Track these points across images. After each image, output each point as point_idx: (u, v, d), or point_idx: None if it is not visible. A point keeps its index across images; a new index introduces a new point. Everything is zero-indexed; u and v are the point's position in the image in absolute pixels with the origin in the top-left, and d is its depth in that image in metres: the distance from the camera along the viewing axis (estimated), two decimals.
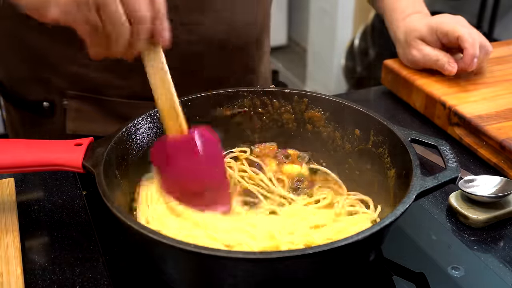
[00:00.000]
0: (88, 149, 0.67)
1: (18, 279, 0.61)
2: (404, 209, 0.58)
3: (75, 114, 0.93)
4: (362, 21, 2.94)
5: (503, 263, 0.67)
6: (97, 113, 0.94)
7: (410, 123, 0.98)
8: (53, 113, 0.95)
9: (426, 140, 0.70)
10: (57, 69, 0.91)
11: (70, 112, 0.93)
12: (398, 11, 1.05)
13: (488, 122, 0.87)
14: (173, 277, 0.62)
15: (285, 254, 0.53)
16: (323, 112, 0.79)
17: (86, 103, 0.93)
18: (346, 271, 0.61)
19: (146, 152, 0.74)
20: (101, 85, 0.92)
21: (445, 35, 0.97)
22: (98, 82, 0.91)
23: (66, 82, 0.92)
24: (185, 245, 0.53)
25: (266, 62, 1.09)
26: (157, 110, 0.75)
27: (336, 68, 3.06)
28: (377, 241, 0.63)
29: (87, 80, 0.91)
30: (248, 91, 0.80)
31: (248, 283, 0.56)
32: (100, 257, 0.67)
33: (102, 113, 0.94)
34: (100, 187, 0.60)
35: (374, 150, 0.73)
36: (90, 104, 0.93)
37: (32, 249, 0.68)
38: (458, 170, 0.65)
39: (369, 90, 1.15)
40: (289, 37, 3.84)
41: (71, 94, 0.92)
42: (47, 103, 0.94)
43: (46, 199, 0.77)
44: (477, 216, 0.72)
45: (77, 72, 0.91)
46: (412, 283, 0.65)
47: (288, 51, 3.77)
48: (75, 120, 0.94)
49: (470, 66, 0.96)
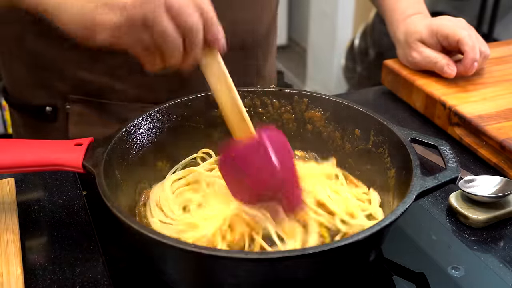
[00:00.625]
0: (88, 149, 0.67)
1: (18, 279, 0.61)
2: (404, 209, 0.57)
3: (77, 118, 0.93)
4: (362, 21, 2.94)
5: (503, 263, 0.67)
6: (99, 117, 0.94)
7: (410, 123, 0.98)
8: (56, 118, 0.95)
9: (426, 140, 0.70)
10: (61, 74, 0.91)
11: (73, 117, 0.93)
12: (398, 12, 1.05)
13: (488, 122, 0.87)
14: (173, 277, 0.62)
15: (285, 254, 0.53)
16: (323, 112, 0.79)
17: (88, 107, 0.93)
18: (346, 271, 0.61)
19: (146, 152, 0.74)
20: (104, 89, 0.92)
21: (445, 38, 0.98)
22: (100, 86, 0.92)
23: (69, 87, 0.92)
24: (185, 245, 0.53)
25: (272, 63, 1.09)
26: (157, 110, 0.75)
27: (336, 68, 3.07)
28: (377, 241, 0.63)
29: (90, 84, 0.91)
30: (248, 91, 0.80)
31: (248, 283, 0.56)
32: (100, 257, 0.67)
33: (104, 117, 0.94)
34: (100, 187, 0.60)
35: (374, 150, 0.73)
36: (93, 108, 0.93)
37: (32, 249, 0.68)
38: (458, 170, 0.65)
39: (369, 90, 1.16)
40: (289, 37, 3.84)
41: (74, 98, 0.93)
42: (50, 108, 0.94)
43: (46, 199, 0.77)
44: (477, 216, 0.72)
45: (80, 77, 0.91)
46: (412, 283, 0.65)
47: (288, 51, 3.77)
48: (77, 125, 0.94)
49: (470, 70, 0.97)
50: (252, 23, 0.95)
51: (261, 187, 0.64)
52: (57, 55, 0.90)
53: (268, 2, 0.99)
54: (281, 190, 0.64)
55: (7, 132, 2.47)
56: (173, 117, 0.76)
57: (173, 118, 0.76)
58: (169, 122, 0.76)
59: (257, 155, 0.63)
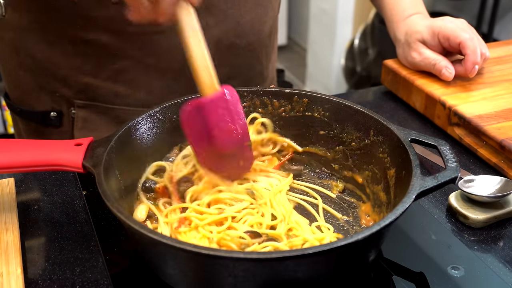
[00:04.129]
0: (88, 149, 0.67)
1: (18, 279, 0.61)
2: (404, 209, 0.58)
3: (82, 123, 0.94)
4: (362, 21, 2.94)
5: (503, 263, 0.67)
6: (104, 122, 0.94)
7: (410, 123, 0.98)
8: (61, 123, 0.95)
9: (426, 140, 0.70)
10: (65, 79, 0.92)
11: (78, 122, 0.93)
12: (398, 12, 1.05)
13: (488, 122, 0.87)
14: (172, 277, 0.62)
15: (285, 254, 0.53)
16: (323, 112, 0.79)
17: (93, 112, 0.93)
18: (346, 271, 0.61)
19: (146, 152, 0.74)
20: (108, 93, 0.92)
21: (446, 39, 0.97)
22: (105, 91, 0.92)
23: (73, 92, 0.92)
24: (185, 245, 0.53)
25: (274, 62, 1.09)
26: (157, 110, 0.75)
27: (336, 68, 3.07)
28: (377, 241, 0.63)
29: (94, 89, 0.92)
30: (248, 91, 0.80)
31: (248, 283, 0.56)
32: (100, 257, 0.67)
33: (108, 122, 0.94)
34: (100, 187, 0.60)
35: (374, 150, 0.74)
36: (97, 113, 0.93)
37: (32, 249, 0.68)
38: (458, 170, 0.65)
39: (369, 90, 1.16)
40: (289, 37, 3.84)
41: (79, 103, 0.93)
42: (55, 113, 0.94)
43: (46, 199, 0.77)
44: (477, 216, 0.72)
45: (84, 82, 0.91)
46: (412, 283, 0.65)
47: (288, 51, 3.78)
48: (82, 130, 0.94)
49: (471, 73, 0.97)
50: (257, 24, 0.95)
51: (225, 139, 0.69)
52: (61, 61, 0.90)
53: (272, 2, 0.99)
54: (241, 144, 0.71)
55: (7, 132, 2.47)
56: (173, 117, 0.76)
57: (173, 118, 0.76)
58: (169, 122, 0.76)
59: (223, 107, 0.68)
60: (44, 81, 0.93)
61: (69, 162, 0.66)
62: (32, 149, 0.67)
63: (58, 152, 0.66)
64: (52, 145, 0.68)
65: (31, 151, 0.67)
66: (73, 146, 0.67)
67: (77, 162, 0.65)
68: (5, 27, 0.91)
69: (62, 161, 0.66)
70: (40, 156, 0.66)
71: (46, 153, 0.67)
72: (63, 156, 0.66)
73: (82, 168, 0.65)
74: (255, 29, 0.96)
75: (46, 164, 0.66)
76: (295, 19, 3.73)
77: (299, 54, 3.68)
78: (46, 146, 0.68)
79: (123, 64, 0.90)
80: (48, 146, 0.68)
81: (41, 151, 0.67)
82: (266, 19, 0.98)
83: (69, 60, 0.89)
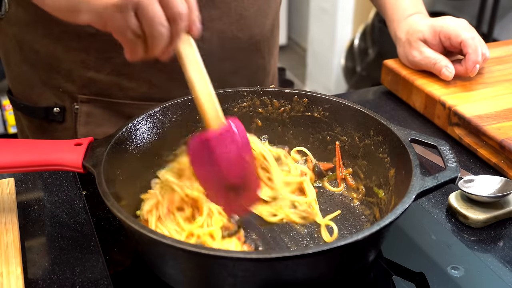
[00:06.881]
0: (88, 149, 0.67)
1: (18, 279, 0.61)
2: (403, 209, 0.58)
3: (86, 118, 0.93)
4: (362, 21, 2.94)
5: (503, 263, 0.67)
6: (108, 116, 0.94)
7: (410, 123, 0.98)
8: (64, 119, 0.95)
9: (426, 140, 0.70)
10: (68, 74, 0.91)
11: (81, 117, 0.93)
12: (399, 11, 1.05)
13: (487, 122, 0.87)
14: (172, 277, 0.62)
15: (285, 254, 0.53)
16: (323, 112, 0.79)
17: (97, 107, 0.93)
18: (346, 271, 0.61)
19: (146, 152, 0.74)
20: (112, 87, 0.92)
21: (447, 39, 0.98)
22: (108, 85, 0.92)
23: (77, 87, 0.92)
24: (185, 245, 0.53)
25: (276, 57, 1.09)
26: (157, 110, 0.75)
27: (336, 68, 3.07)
28: (377, 241, 0.63)
29: (98, 83, 0.91)
30: (248, 91, 0.80)
31: (248, 283, 0.56)
32: (100, 257, 0.67)
33: (113, 117, 0.94)
34: (100, 187, 0.60)
35: (374, 150, 0.74)
36: (101, 108, 0.93)
37: (32, 249, 0.68)
38: (457, 170, 0.65)
39: (369, 90, 1.15)
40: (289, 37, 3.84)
41: (82, 98, 0.93)
42: (58, 109, 0.94)
43: (46, 199, 0.77)
44: (476, 216, 0.72)
45: (88, 76, 0.91)
46: (412, 283, 0.65)
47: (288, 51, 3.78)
48: (86, 125, 0.94)
49: (472, 72, 0.97)
50: (260, 16, 0.95)
51: (231, 171, 0.67)
52: (65, 56, 0.90)
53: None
54: (247, 176, 0.69)
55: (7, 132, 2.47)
56: (173, 117, 0.76)
57: (173, 118, 0.76)
58: (169, 122, 0.76)
59: (230, 140, 0.67)
60: (47, 76, 0.93)
61: (69, 162, 0.66)
62: (32, 149, 0.67)
63: (58, 152, 0.67)
64: (52, 145, 0.68)
65: (31, 151, 0.67)
66: (73, 146, 0.67)
67: (77, 162, 0.65)
68: (9, 22, 0.91)
69: (62, 161, 0.66)
70: (40, 156, 0.66)
71: (46, 153, 0.67)
72: (63, 156, 0.66)
73: (82, 168, 0.65)
74: (258, 22, 0.95)
75: (46, 164, 0.66)
76: (295, 19, 3.73)
77: (299, 54, 3.68)
78: (46, 146, 0.68)
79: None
80: (48, 146, 0.68)
81: (41, 151, 0.67)
82: (269, 11, 0.98)
83: (73, 54, 0.89)
